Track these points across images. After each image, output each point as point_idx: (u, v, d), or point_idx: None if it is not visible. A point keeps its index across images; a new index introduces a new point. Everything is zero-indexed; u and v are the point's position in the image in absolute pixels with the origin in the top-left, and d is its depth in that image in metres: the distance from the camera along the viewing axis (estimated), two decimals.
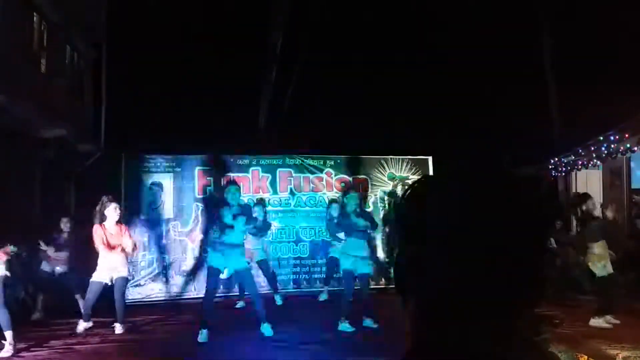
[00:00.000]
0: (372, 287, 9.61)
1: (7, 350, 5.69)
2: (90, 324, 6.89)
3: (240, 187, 7.22)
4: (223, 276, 7.16)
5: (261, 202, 9.35)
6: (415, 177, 10.47)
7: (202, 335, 6.27)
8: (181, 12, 14.88)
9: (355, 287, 7.17)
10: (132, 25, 13.68)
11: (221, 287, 7.98)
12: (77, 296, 8.38)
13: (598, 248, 6.63)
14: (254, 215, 7.63)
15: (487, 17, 14.27)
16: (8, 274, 5.90)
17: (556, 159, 11.76)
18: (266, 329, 6.47)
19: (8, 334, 5.76)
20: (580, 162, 11.06)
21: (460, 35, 14.92)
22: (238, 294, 8.68)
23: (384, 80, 15.25)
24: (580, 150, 10.78)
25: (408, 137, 13.25)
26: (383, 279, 10.04)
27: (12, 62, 8.84)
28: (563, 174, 12.01)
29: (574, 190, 11.73)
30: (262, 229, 8.36)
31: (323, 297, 9.22)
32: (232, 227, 6.50)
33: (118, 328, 6.84)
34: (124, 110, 13.26)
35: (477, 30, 14.59)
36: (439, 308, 0.75)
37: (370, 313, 6.92)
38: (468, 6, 14.76)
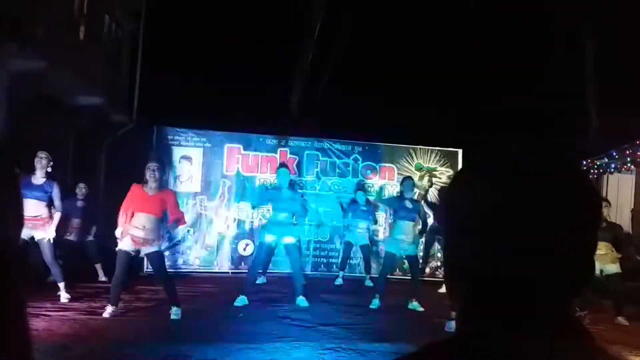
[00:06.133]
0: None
1: (65, 297, 6.69)
2: (117, 308, 6.20)
3: (289, 171, 7.72)
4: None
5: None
6: (443, 170, 10.52)
7: (241, 300, 6.96)
8: None
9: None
10: None
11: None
12: (98, 266, 8.56)
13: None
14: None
15: (530, 13, 13.99)
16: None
17: (589, 160, 11.54)
18: (301, 301, 7.11)
19: (61, 285, 6.75)
20: (613, 166, 10.84)
21: (500, 30, 14.66)
22: (261, 270, 8.78)
23: (419, 70, 15.09)
24: (614, 154, 10.55)
25: (439, 128, 13.10)
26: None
27: (52, 29, 8.96)
28: (595, 176, 11.79)
29: (604, 194, 11.51)
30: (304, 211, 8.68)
31: (338, 281, 9.35)
32: (284, 207, 7.26)
33: (173, 312, 6.16)
34: (158, 83, 13.35)
35: (517, 26, 14.33)
36: (491, 294, 0.74)
37: (417, 296, 7.34)
38: (514, 3, 14.47)
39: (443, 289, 8.42)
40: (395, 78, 15.37)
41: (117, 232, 6.18)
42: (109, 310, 6.10)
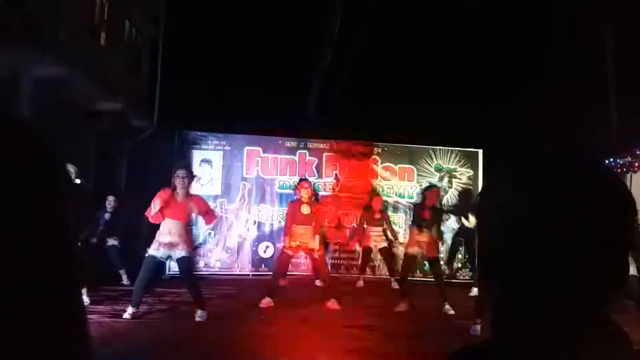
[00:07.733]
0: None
1: (85, 301, 6.45)
2: (137, 310, 6.24)
3: (311, 183, 7.94)
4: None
5: None
6: (464, 170, 10.44)
7: (267, 301, 7.06)
8: None
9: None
10: (190, 4, 13.86)
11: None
12: (122, 271, 8.62)
13: None
14: None
15: (551, 11, 13.85)
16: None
17: (611, 159, 11.35)
18: (334, 303, 7.19)
19: (83, 290, 6.50)
20: (637, 165, 10.65)
21: (521, 29, 14.54)
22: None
23: (439, 70, 15.02)
24: (638, 152, 10.37)
25: (459, 128, 13.01)
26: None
27: (73, 34, 9.07)
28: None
29: None
30: None
31: (359, 284, 9.29)
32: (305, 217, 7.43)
33: (198, 314, 6.23)
34: (178, 87, 13.45)
35: (538, 25, 14.19)
36: (526, 295, 0.74)
37: (447, 299, 7.25)
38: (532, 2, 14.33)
39: (473, 292, 8.36)
40: (414, 78, 15.32)
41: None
42: (129, 311, 6.15)
